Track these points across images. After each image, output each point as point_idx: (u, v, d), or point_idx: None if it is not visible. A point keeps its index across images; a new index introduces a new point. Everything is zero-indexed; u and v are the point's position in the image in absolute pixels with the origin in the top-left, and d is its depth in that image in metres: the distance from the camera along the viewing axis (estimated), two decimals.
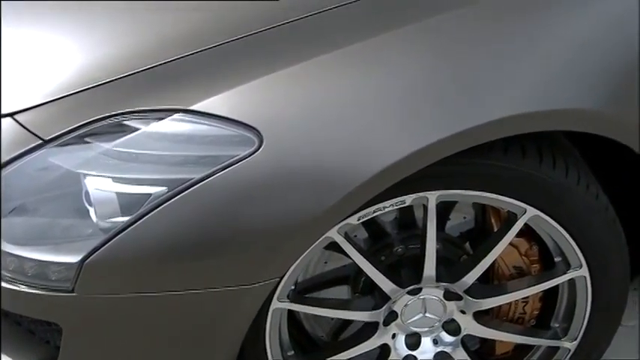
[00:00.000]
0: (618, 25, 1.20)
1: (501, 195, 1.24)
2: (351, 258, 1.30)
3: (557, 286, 1.39)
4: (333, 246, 1.28)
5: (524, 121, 1.17)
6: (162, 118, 1.15)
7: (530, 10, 1.20)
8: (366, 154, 1.13)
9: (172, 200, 1.12)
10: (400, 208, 1.29)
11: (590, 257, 1.32)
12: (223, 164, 1.12)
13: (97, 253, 1.14)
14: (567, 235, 1.29)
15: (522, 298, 1.41)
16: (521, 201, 1.25)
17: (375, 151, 1.13)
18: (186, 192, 1.12)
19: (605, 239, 1.30)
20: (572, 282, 1.37)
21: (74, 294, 1.17)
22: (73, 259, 1.15)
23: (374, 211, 1.24)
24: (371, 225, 1.37)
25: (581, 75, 1.18)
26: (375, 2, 1.21)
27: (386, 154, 1.13)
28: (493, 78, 1.16)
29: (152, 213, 1.12)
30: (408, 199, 1.24)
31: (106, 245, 1.14)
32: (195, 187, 1.12)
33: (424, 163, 1.15)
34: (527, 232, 1.34)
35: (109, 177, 1.14)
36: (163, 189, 1.13)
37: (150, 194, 1.13)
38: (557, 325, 1.43)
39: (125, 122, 1.16)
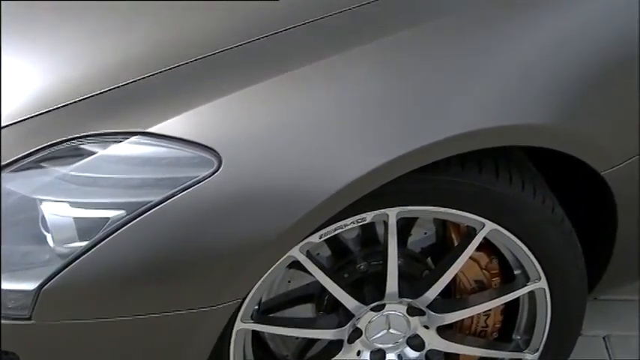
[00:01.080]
0: (570, 41, 1.22)
1: (460, 210, 1.26)
2: (314, 276, 1.30)
3: (517, 299, 1.41)
4: (296, 264, 1.28)
5: (480, 137, 1.18)
6: (120, 141, 1.14)
7: (483, 26, 1.22)
8: (326, 172, 1.13)
9: (131, 224, 1.11)
10: (362, 225, 1.29)
11: (548, 269, 1.34)
12: (182, 186, 1.12)
13: (54, 279, 1.12)
14: (525, 248, 1.31)
15: (484, 312, 1.42)
16: (480, 215, 1.27)
17: (335, 170, 1.13)
18: (145, 215, 1.11)
19: (561, 251, 1.32)
20: (531, 294, 1.39)
21: (32, 322, 1.15)
22: (31, 286, 1.13)
23: (335, 229, 1.25)
24: (333, 243, 1.37)
25: (535, 90, 1.20)
26: (331, 22, 1.22)
27: (345, 172, 1.13)
28: (449, 95, 1.18)
29: (110, 237, 1.11)
30: (369, 216, 1.25)
31: (64, 271, 1.12)
32: (153, 209, 1.11)
33: (383, 180, 1.16)
34: (486, 246, 1.36)
35: (65, 202, 1.12)
36: (121, 212, 1.12)
37: (108, 218, 1.12)
38: (518, 338, 1.45)
39: (82, 146, 1.15)
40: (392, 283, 1.32)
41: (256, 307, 1.32)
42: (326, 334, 1.38)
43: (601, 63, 1.23)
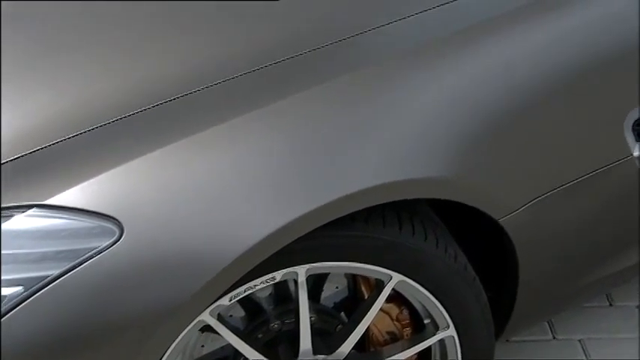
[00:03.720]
0: (464, 95, 1.27)
1: (366, 264, 1.27)
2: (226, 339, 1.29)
3: (429, 348, 1.43)
4: (209, 328, 1.26)
5: (381, 191, 1.21)
6: (16, 215, 1.11)
7: (381, 82, 1.25)
8: (229, 235, 1.13)
9: (29, 300, 1.07)
10: (274, 284, 1.29)
11: (455, 317, 1.36)
12: (83, 257, 1.10)
13: None
14: (432, 297, 1.34)
15: None
16: (386, 268, 1.29)
17: (238, 233, 1.14)
18: (44, 290, 1.08)
19: (466, 298, 1.36)
20: (442, 342, 1.41)
21: None
22: None
23: (245, 290, 1.24)
24: (246, 303, 1.36)
25: (432, 144, 1.24)
26: (232, 84, 1.24)
27: (249, 235, 1.14)
28: (350, 152, 1.21)
29: (7, 316, 1.07)
30: (278, 275, 1.25)
31: None
32: (53, 284, 1.08)
33: (288, 239, 1.17)
34: (396, 297, 1.38)
35: None
36: (19, 289, 1.08)
37: (4, 296, 1.08)
38: None
39: None
40: (305, 341, 1.32)
41: None
42: None
43: (496, 114, 1.28)
